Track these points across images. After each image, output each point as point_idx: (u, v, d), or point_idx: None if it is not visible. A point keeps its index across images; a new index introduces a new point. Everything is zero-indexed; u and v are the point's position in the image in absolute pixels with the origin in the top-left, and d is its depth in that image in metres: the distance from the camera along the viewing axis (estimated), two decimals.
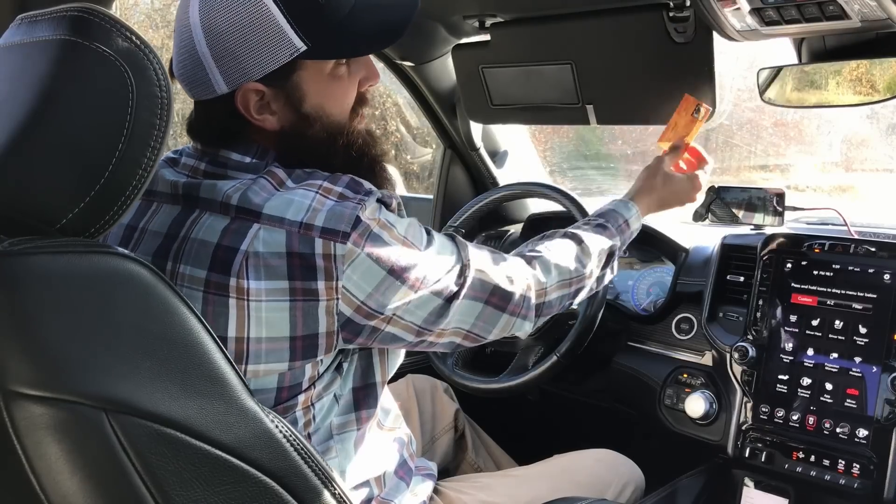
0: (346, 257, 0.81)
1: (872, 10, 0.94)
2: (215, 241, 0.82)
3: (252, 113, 0.88)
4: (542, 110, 1.50)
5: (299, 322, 0.81)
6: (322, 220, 0.81)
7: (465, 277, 0.92)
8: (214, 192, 0.85)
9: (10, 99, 0.63)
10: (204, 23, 0.84)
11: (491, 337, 0.99)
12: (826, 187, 2.52)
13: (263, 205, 0.82)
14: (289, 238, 0.80)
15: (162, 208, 0.90)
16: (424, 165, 2.36)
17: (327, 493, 0.72)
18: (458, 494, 1.15)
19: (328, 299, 0.81)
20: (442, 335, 0.93)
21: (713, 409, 1.36)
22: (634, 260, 1.70)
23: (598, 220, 1.17)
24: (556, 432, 1.85)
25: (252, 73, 0.85)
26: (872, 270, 1.25)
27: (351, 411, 0.93)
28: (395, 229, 0.86)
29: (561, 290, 1.06)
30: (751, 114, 2.54)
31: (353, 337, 0.86)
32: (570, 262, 1.07)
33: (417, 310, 0.88)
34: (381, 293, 0.84)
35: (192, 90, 0.89)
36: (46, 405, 0.59)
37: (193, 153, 0.94)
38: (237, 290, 0.80)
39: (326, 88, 0.91)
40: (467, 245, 0.96)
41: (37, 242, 0.61)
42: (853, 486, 1.20)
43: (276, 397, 0.85)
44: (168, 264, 0.84)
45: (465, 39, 1.56)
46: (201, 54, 0.85)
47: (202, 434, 0.64)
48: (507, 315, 0.98)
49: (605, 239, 1.14)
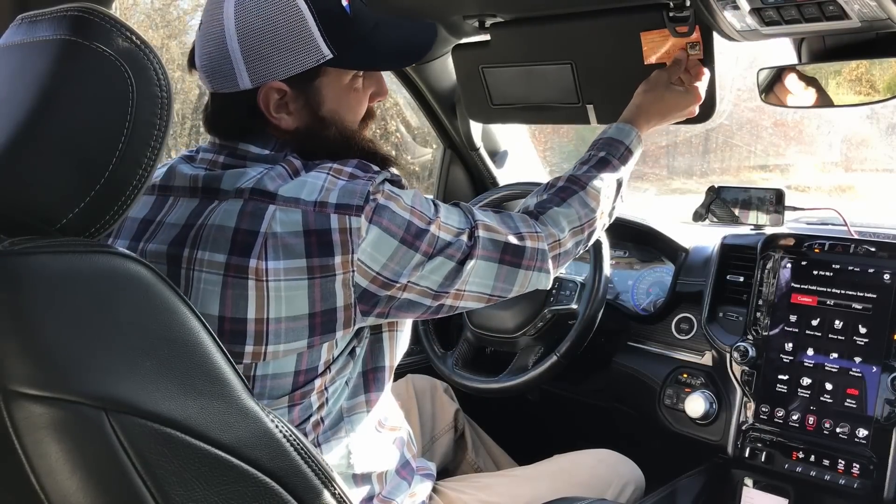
0: (360, 230, 0.84)
1: (872, 10, 0.94)
2: (233, 226, 0.84)
3: (271, 111, 0.92)
4: (542, 110, 1.50)
5: (318, 298, 0.84)
6: (336, 197, 0.85)
7: (475, 238, 0.94)
8: (234, 182, 0.87)
9: (10, 99, 0.63)
10: (238, 20, 0.88)
11: (512, 294, 1.01)
12: (826, 187, 2.52)
13: (278, 189, 0.85)
14: (305, 217, 0.83)
15: (179, 202, 0.92)
16: (424, 165, 2.36)
17: (327, 493, 0.72)
18: (458, 494, 1.15)
19: (344, 272, 0.84)
20: (459, 296, 0.95)
21: (713, 409, 1.36)
22: (634, 260, 1.70)
23: (600, 154, 1.13)
24: (556, 432, 1.85)
25: (278, 73, 0.89)
26: (872, 270, 1.25)
27: (360, 393, 0.96)
28: (401, 199, 0.89)
29: (574, 237, 1.07)
30: (751, 114, 2.54)
31: (371, 308, 0.88)
32: (579, 209, 1.07)
33: (432, 274, 0.90)
34: (396, 262, 0.87)
35: (213, 82, 0.92)
36: (46, 405, 0.59)
37: (211, 148, 0.96)
38: (256, 272, 0.82)
39: (343, 97, 0.96)
40: (473, 209, 0.99)
41: (37, 242, 0.61)
42: (853, 486, 1.20)
43: (294, 381, 0.87)
44: (185, 251, 0.87)
45: (465, 39, 1.56)
46: (231, 49, 0.88)
47: (202, 434, 0.64)
48: (523, 270, 1.00)
49: (609, 174, 1.11)
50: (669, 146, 2.96)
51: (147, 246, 0.91)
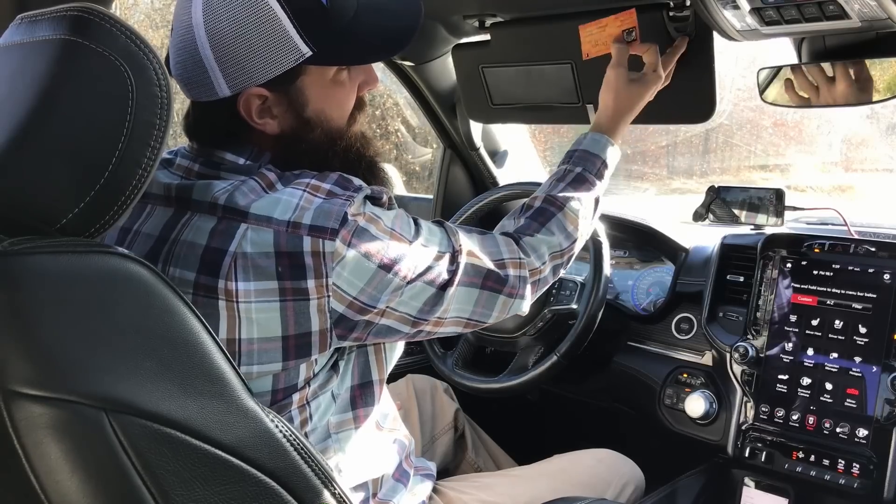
0: (335, 255, 0.80)
1: (872, 9, 0.94)
2: (203, 243, 0.81)
3: (254, 117, 0.87)
4: (542, 110, 1.50)
5: (291, 321, 0.81)
6: (310, 218, 0.80)
7: (457, 264, 0.91)
8: (205, 193, 0.84)
9: (10, 99, 0.63)
10: (207, 25, 0.83)
11: (491, 320, 0.99)
12: (826, 187, 2.52)
13: (250, 206, 0.81)
14: (277, 237, 0.80)
15: (156, 211, 0.89)
16: (424, 165, 2.36)
17: (327, 493, 0.72)
18: (458, 494, 1.15)
19: (318, 297, 0.81)
20: (440, 324, 0.93)
21: (713, 408, 1.36)
22: (634, 260, 1.70)
23: (576, 170, 1.10)
24: (556, 432, 1.85)
25: (256, 77, 0.85)
26: (872, 270, 1.25)
27: (348, 410, 0.93)
28: (381, 221, 0.85)
29: (553, 261, 1.05)
30: (751, 114, 2.54)
31: (347, 333, 0.85)
32: (558, 234, 1.04)
33: (411, 300, 0.87)
34: (373, 287, 0.83)
35: (191, 91, 0.88)
36: (46, 405, 0.59)
37: (188, 153, 0.93)
38: (226, 293, 0.79)
39: (328, 93, 0.91)
40: (457, 231, 0.95)
41: (37, 242, 0.61)
42: (853, 485, 1.20)
43: (272, 399, 0.84)
44: (158, 267, 0.83)
45: (465, 39, 1.56)
46: (204, 57, 0.84)
47: (202, 434, 0.64)
48: (503, 297, 0.97)
49: (586, 194, 1.09)
50: (669, 146, 2.97)
51: None
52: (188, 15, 0.84)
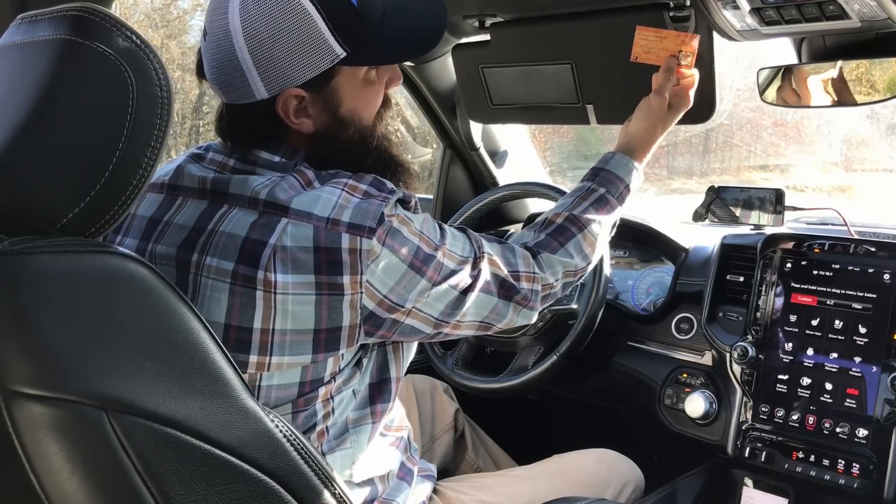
0: (370, 252, 0.83)
1: (872, 9, 0.94)
2: (244, 235, 0.83)
3: (290, 117, 0.90)
4: (542, 110, 1.50)
5: (324, 315, 0.83)
6: (349, 216, 0.83)
7: (478, 270, 0.94)
8: (244, 187, 0.86)
9: (10, 99, 0.63)
10: (245, 29, 0.85)
11: (500, 326, 1.02)
12: (826, 187, 2.52)
13: (291, 201, 0.83)
14: (316, 233, 0.82)
15: (188, 203, 0.91)
16: (424, 165, 2.36)
17: (327, 493, 0.72)
18: (458, 494, 1.15)
19: (353, 293, 0.83)
20: (458, 327, 0.96)
21: (713, 408, 1.36)
22: (634, 260, 1.70)
23: (600, 191, 1.12)
24: (556, 432, 1.85)
25: (294, 79, 0.87)
26: (872, 270, 1.25)
27: (367, 406, 0.95)
28: (412, 224, 0.88)
29: (566, 279, 1.08)
30: (751, 114, 2.54)
31: (375, 330, 0.88)
32: (576, 256, 1.07)
33: (436, 302, 0.90)
34: (403, 287, 0.86)
35: (227, 95, 0.90)
36: (47, 405, 0.59)
37: (221, 150, 0.95)
38: (264, 283, 0.81)
39: (360, 93, 0.94)
40: (479, 238, 0.98)
41: (37, 242, 0.61)
42: (853, 485, 1.20)
43: (300, 390, 0.87)
44: (194, 255, 0.86)
45: (465, 39, 1.56)
46: (241, 61, 0.86)
47: (202, 434, 0.64)
48: (514, 305, 1.00)
49: (606, 216, 1.11)
50: (669, 146, 2.97)
51: (156, 247, 0.90)
52: (225, 20, 0.86)
